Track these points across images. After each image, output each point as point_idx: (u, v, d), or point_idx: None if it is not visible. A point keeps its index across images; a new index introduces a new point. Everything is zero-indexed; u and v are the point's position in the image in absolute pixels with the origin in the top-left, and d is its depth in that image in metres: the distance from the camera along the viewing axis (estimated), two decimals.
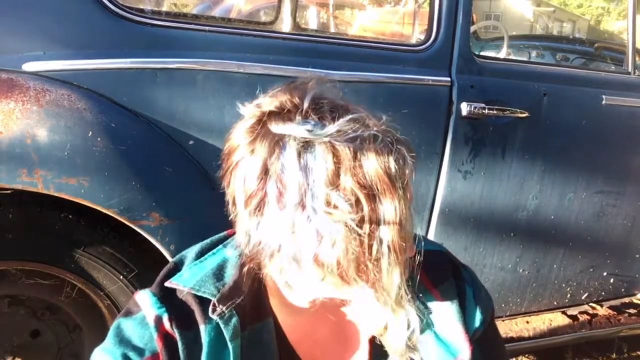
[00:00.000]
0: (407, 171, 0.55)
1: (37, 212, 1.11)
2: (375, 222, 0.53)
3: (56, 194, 1.05)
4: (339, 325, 0.72)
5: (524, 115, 1.46)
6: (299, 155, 0.52)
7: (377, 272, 0.54)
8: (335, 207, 0.52)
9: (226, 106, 1.18)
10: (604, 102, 1.61)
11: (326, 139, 0.52)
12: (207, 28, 1.20)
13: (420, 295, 0.69)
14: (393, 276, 0.55)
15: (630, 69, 1.74)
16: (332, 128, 0.53)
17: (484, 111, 1.41)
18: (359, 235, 0.52)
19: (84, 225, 1.14)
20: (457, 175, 1.45)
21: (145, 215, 1.11)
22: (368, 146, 0.53)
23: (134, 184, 1.09)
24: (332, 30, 3.17)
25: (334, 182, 0.52)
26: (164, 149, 1.16)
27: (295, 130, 0.53)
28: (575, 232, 1.69)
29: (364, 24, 3.11)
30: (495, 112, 1.43)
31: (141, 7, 1.28)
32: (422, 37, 1.46)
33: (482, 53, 2.45)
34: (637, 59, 1.77)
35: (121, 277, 1.19)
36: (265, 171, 0.53)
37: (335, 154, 0.52)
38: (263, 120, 0.56)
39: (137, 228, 1.12)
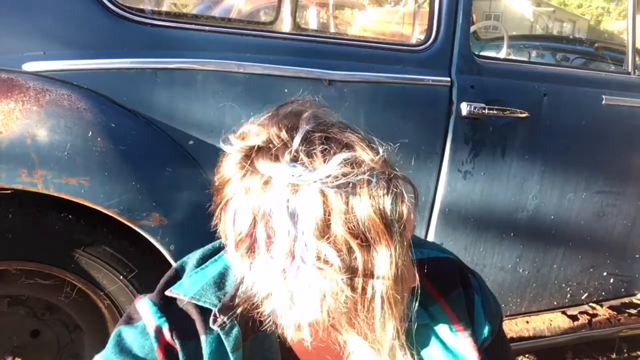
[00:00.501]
0: (405, 212, 0.52)
1: (37, 212, 1.11)
2: (369, 274, 0.50)
3: (56, 194, 1.04)
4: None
5: (524, 115, 1.46)
6: (288, 200, 0.49)
7: (369, 324, 0.53)
8: (326, 262, 0.49)
9: (226, 106, 1.18)
10: (604, 102, 1.61)
11: (315, 185, 0.49)
12: (207, 28, 1.20)
13: (429, 306, 0.68)
14: (386, 328, 0.53)
15: (630, 69, 1.74)
16: (322, 172, 0.49)
17: (484, 111, 1.41)
18: (351, 290, 0.50)
19: (84, 225, 1.14)
20: (457, 175, 1.45)
21: (145, 215, 1.11)
22: (361, 190, 0.50)
23: (134, 184, 1.09)
24: (332, 30, 3.17)
25: (324, 232, 0.49)
26: (164, 149, 1.16)
27: (283, 173, 0.50)
28: (575, 232, 1.69)
29: (364, 24, 3.11)
30: (495, 112, 1.43)
31: (141, 7, 1.28)
32: (422, 37, 1.46)
33: (482, 53, 2.45)
34: (637, 59, 1.76)
35: (121, 277, 1.18)
36: (254, 215, 0.51)
37: (325, 202, 0.49)
38: (251, 157, 0.52)
39: (137, 228, 1.12)
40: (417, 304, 0.61)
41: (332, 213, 0.49)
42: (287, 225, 0.49)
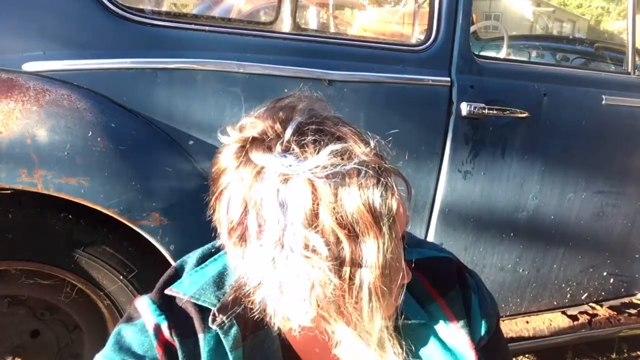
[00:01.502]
0: (394, 205, 0.52)
1: (37, 212, 1.11)
2: (357, 264, 0.51)
3: (56, 194, 1.04)
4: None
5: (524, 115, 1.46)
6: (278, 190, 0.50)
7: (358, 314, 0.53)
8: (314, 250, 0.50)
9: (226, 106, 1.18)
10: (604, 102, 1.61)
11: (304, 175, 0.50)
12: (207, 28, 1.20)
13: (422, 306, 0.69)
14: (374, 319, 0.54)
15: (630, 69, 1.74)
16: (311, 162, 0.50)
17: (484, 111, 1.41)
18: (339, 279, 0.51)
19: (84, 225, 1.14)
20: (457, 175, 1.45)
21: (145, 215, 1.11)
22: (350, 181, 0.50)
23: (134, 184, 1.09)
24: (332, 30, 3.17)
25: (312, 222, 0.50)
26: (163, 149, 1.16)
27: (274, 163, 0.51)
28: (575, 232, 1.69)
29: (364, 24, 3.11)
30: (495, 112, 1.43)
31: (141, 7, 1.28)
32: (422, 37, 1.46)
33: (482, 53, 2.45)
34: (637, 59, 1.76)
35: (121, 277, 1.18)
36: (246, 204, 0.52)
37: (314, 192, 0.50)
38: (246, 148, 0.53)
39: (137, 228, 1.12)
40: (409, 297, 0.61)
41: (321, 203, 0.50)
42: (277, 214, 0.50)
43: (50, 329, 1.27)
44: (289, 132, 0.53)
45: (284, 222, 0.50)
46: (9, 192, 1.08)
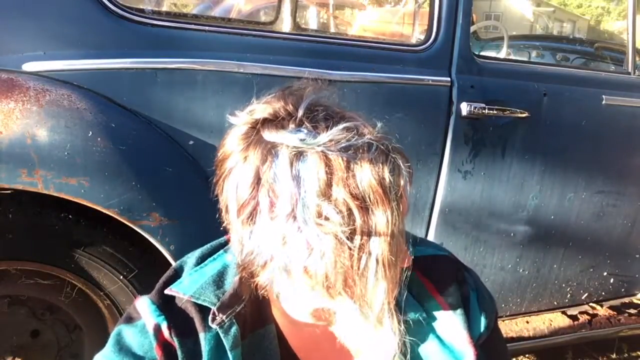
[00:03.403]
0: (401, 182, 0.55)
1: (37, 212, 1.11)
2: (367, 234, 0.52)
3: (56, 194, 1.04)
4: (342, 340, 0.71)
5: (524, 115, 1.46)
6: (291, 164, 0.52)
7: (363, 286, 0.54)
8: (327, 218, 0.51)
9: (226, 106, 1.18)
10: (604, 102, 1.61)
11: (319, 148, 0.52)
12: (207, 28, 1.20)
13: (416, 305, 0.69)
14: (378, 290, 0.54)
15: (630, 69, 1.74)
16: (324, 137, 0.52)
17: (484, 111, 1.41)
18: (349, 248, 0.52)
19: (84, 225, 1.14)
20: (457, 175, 1.45)
21: (145, 215, 1.11)
22: (362, 155, 0.52)
23: (134, 184, 1.09)
24: (332, 30, 3.17)
25: (326, 193, 0.51)
26: (164, 149, 1.16)
27: (287, 138, 0.52)
28: (575, 232, 1.69)
29: (364, 24, 3.11)
30: (495, 112, 1.43)
31: (141, 7, 1.28)
32: (422, 37, 1.46)
33: (482, 53, 2.45)
34: (637, 59, 1.76)
35: (121, 277, 1.19)
36: (258, 180, 0.53)
37: (328, 164, 0.51)
38: (257, 128, 0.55)
39: (137, 228, 1.12)
40: (407, 295, 0.62)
41: (334, 175, 0.51)
42: (291, 187, 0.51)
43: (50, 329, 1.27)
44: (301, 111, 0.55)
45: (297, 194, 0.51)
46: (9, 192, 1.08)
